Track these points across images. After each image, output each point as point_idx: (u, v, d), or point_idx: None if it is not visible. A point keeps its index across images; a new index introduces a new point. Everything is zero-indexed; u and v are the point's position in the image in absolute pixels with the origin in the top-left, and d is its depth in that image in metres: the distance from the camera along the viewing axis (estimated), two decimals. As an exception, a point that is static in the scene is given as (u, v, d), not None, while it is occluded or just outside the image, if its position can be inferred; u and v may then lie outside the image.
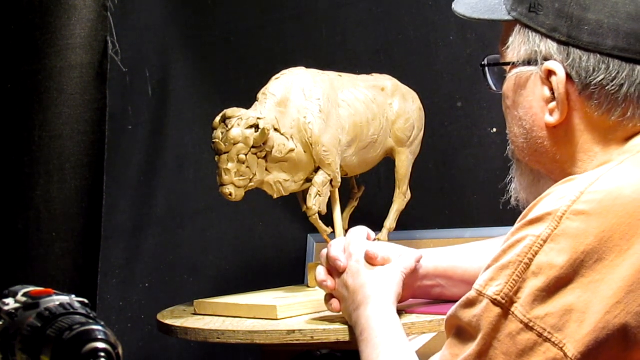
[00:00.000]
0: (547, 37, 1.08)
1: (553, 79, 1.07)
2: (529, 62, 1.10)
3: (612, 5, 1.04)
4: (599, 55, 1.05)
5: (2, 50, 1.95)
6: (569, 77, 1.06)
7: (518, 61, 1.11)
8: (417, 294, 1.37)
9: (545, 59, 1.08)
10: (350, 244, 1.31)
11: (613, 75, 1.04)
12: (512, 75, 1.13)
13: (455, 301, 1.35)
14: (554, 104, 1.08)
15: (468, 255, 1.37)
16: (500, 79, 1.17)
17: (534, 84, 1.10)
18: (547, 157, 1.12)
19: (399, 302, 1.30)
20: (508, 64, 1.13)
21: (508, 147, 1.19)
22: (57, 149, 1.92)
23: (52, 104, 1.92)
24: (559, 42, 1.07)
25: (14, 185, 1.95)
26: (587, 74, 1.05)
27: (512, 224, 1.18)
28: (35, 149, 1.93)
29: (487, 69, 1.19)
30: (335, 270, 1.30)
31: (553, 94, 1.08)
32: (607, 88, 1.05)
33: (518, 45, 1.11)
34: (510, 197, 1.20)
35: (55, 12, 1.91)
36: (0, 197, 1.96)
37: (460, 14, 1.17)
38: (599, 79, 1.05)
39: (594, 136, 1.08)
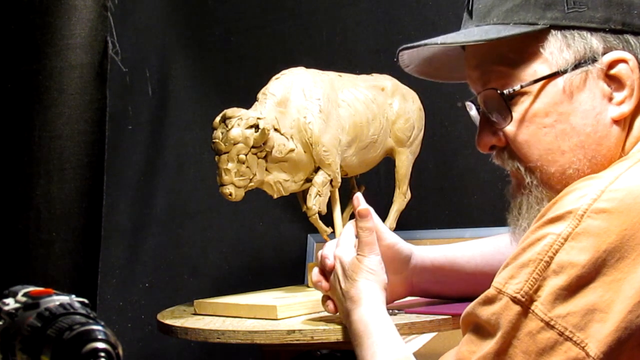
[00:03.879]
0: (599, 30, 1.05)
1: (621, 67, 1.05)
2: (579, 63, 1.06)
3: None
4: None
5: (2, 50, 1.95)
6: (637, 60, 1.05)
7: (566, 67, 1.06)
8: (415, 291, 1.36)
9: (604, 52, 1.05)
10: (339, 245, 1.29)
11: None
12: (557, 86, 1.06)
13: (454, 301, 1.36)
14: (622, 93, 1.06)
15: (465, 252, 1.37)
16: (505, 109, 1.10)
17: (592, 82, 1.06)
18: (604, 162, 1.07)
19: (397, 299, 1.30)
20: (552, 75, 1.07)
21: (529, 181, 1.10)
22: (57, 149, 1.92)
23: (52, 104, 1.92)
24: (614, 31, 1.05)
25: (14, 185, 1.95)
26: None
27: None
28: (35, 149, 1.93)
29: (493, 102, 1.10)
30: (327, 271, 1.30)
31: (612, 86, 1.06)
32: None
33: (558, 52, 1.06)
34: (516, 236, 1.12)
35: (55, 12, 1.92)
36: (0, 197, 1.96)
37: (472, 41, 1.09)
38: None
39: None
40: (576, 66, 1.06)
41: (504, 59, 1.10)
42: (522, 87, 1.08)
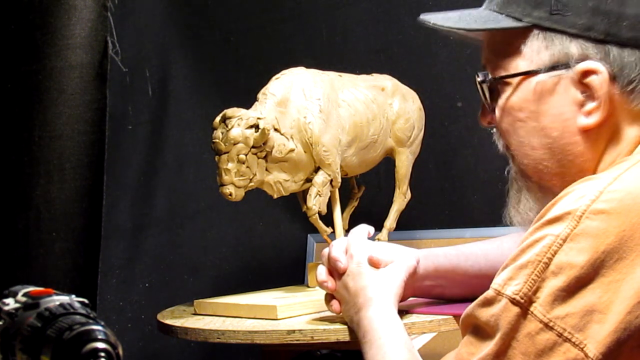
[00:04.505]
0: (580, 37, 1.05)
1: (592, 78, 1.04)
2: (554, 66, 1.06)
3: None
4: (637, 51, 1.04)
5: (2, 50, 1.95)
6: (609, 74, 1.04)
7: (540, 68, 1.07)
8: (418, 293, 1.36)
9: (579, 60, 1.05)
10: (351, 245, 1.31)
11: None
12: (531, 85, 1.08)
13: (455, 301, 1.36)
14: (592, 104, 1.05)
15: (468, 256, 1.36)
16: (493, 93, 1.12)
17: (563, 88, 1.06)
18: (571, 168, 1.08)
19: (400, 301, 1.30)
20: (527, 72, 1.08)
21: (510, 166, 1.15)
22: (57, 149, 1.93)
23: (52, 104, 1.92)
24: (595, 40, 1.04)
25: (14, 185, 1.95)
26: (630, 69, 1.04)
27: (511, 224, 1.18)
28: (35, 149, 1.93)
29: (484, 84, 1.13)
30: (336, 271, 1.30)
31: (586, 95, 1.05)
32: None
33: (537, 51, 1.07)
34: (509, 221, 1.15)
35: (55, 12, 1.92)
36: (0, 197, 1.96)
37: (452, 28, 1.12)
38: None
39: (628, 129, 1.06)
40: (550, 69, 1.07)
41: (497, 47, 1.12)
42: (503, 77, 1.10)
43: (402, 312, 1.33)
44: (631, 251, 0.92)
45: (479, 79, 1.13)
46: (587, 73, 1.05)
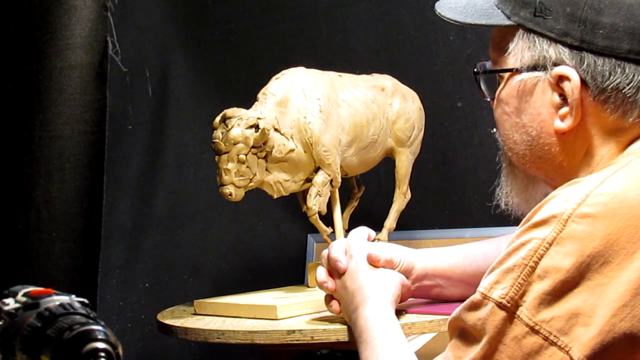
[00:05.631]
0: (557, 41, 1.06)
1: (565, 84, 1.05)
2: (534, 67, 1.08)
3: (627, 8, 1.03)
4: (614, 59, 1.04)
5: (2, 50, 1.96)
6: (582, 81, 1.05)
7: (522, 67, 1.09)
8: (416, 293, 1.37)
9: (555, 64, 1.06)
10: (351, 246, 1.31)
11: (630, 78, 1.04)
12: (515, 82, 1.10)
13: (454, 301, 1.36)
14: (565, 109, 1.07)
15: (467, 256, 1.37)
16: (492, 85, 1.15)
17: (541, 90, 1.08)
18: (551, 164, 1.10)
19: (399, 302, 1.30)
20: (510, 70, 1.11)
21: (500, 152, 1.18)
22: (57, 149, 1.93)
23: (52, 104, 1.92)
24: (571, 46, 1.05)
25: (14, 185, 1.95)
26: (603, 78, 1.04)
27: (511, 224, 1.18)
28: (35, 149, 1.93)
29: (480, 76, 1.16)
30: (335, 272, 1.30)
31: (563, 99, 1.06)
32: (623, 92, 1.04)
33: (521, 51, 1.09)
34: (499, 201, 1.19)
35: (55, 12, 1.92)
36: (0, 197, 1.97)
37: (451, 19, 1.14)
38: (615, 83, 1.04)
39: (604, 140, 1.07)
40: (531, 69, 1.09)
41: (494, 41, 1.15)
42: (493, 71, 1.14)
43: (401, 312, 1.33)
44: (617, 255, 0.92)
45: (474, 70, 1.17)
46: (561, 78, 1.06)
